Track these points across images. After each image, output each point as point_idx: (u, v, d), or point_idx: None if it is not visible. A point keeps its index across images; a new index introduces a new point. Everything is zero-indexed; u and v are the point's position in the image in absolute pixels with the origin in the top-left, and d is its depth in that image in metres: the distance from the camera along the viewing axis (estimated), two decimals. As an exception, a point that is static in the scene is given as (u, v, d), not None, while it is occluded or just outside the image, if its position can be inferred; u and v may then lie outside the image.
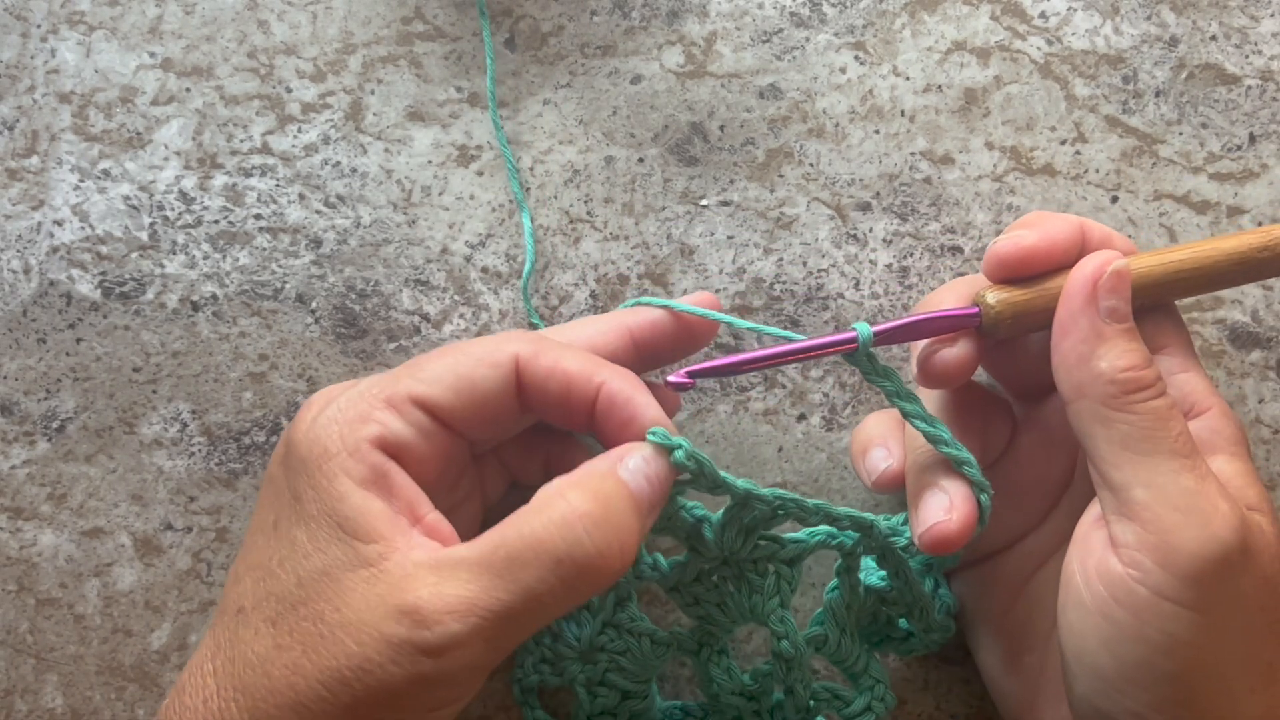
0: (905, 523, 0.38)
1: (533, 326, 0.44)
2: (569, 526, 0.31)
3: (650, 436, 0.33)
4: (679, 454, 0.33)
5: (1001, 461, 0.39)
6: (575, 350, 0.35)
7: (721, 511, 0.36)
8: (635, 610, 0.39)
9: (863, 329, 0.34)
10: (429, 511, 0.33)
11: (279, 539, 0.33)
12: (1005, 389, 0.41)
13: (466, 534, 0.33)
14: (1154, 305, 0.36)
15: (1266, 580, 0.32)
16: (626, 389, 0.34)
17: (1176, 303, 0.37)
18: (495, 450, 0.39)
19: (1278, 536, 0.33)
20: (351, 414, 0.33)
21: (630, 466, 0.33)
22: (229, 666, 0.32)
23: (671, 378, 0.35)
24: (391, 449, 0.33)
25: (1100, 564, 0.32)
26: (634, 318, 0.37)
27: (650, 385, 0.35)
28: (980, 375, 0.41)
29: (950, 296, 0.37)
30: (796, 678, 0.38)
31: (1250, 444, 0.43)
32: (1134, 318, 0.34)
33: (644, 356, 0.37)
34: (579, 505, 0.31)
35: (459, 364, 0.34)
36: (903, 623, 0.40)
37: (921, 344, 0.36)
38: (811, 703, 0.39)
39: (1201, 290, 0.36)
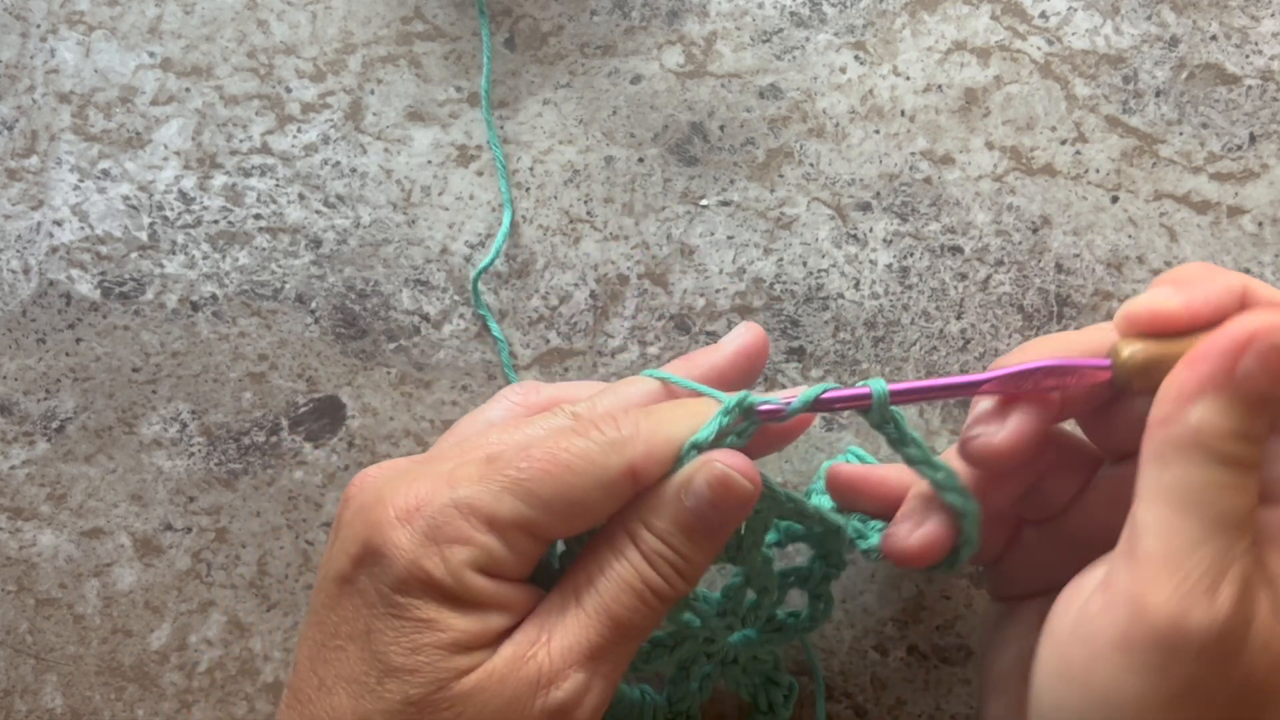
0: (880, 528, 0.37)
1: (478, 316, 0.44)
2: (643, 564, 0.32)
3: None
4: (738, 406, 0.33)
5: (1069, 513, 0.37)
6: (681, 425, 0.34)
7: None
8: None
9: (877, 386, 0.33)
10: (532, 598, 0.33)
11: (374, 655, 0.31)
12: (1093, 441, 0.38)
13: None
14: None
15: (1250, 689, 0.29)
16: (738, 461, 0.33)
17: None
18: None
19: None
20: (450, 532, 0.31)
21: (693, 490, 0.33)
22: None
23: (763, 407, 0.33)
24: (492, 571, 0.32)
25: (1086, 600, 0.31)
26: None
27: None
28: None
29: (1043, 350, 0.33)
30: (766, 577, 0.38)
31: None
32: None
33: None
34: (653, 546, 0.33)
35: (570, 488, 0.32)
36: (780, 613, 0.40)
37: (971, 417, 0.34)
38: (779, 593, 0.39)
39: None
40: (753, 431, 0.33)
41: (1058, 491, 0.36)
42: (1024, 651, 0.36)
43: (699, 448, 0.32)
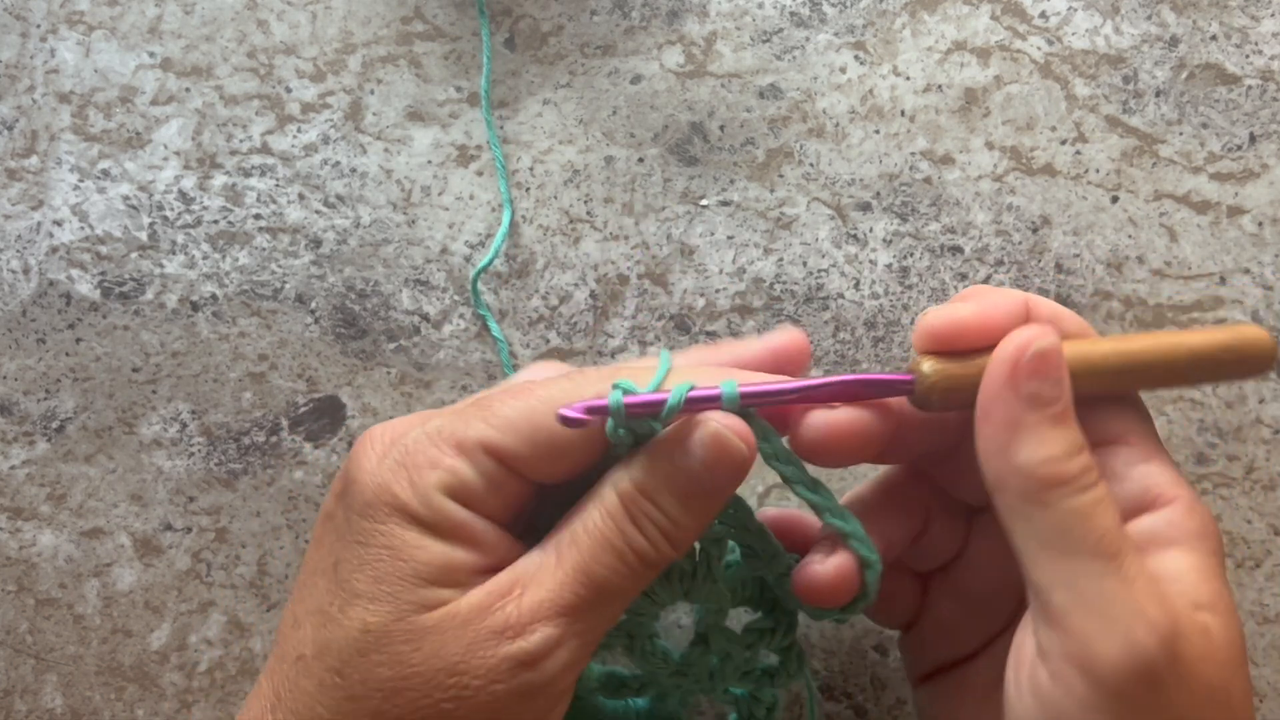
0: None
1: (478, 316, 0.44)
2: (629, 524, 0.31)
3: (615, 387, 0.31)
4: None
5: (956, 566, 0.37)
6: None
7: None
8: None
9: (728, 387, 0.31)
10: (510, 550, 0.32)
11: (339, 583, 0.31)
12: (951, 493, 0.38)
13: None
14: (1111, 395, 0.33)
15: (1210, 691, 0.29)
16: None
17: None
18: None
19: (1229, 640, 0.30)
20: (420, 458, 0.31)
21: (692, 448, 0.31)
22: None
23: (567, 412, 0.32)
24: (461, 496, 0.31)
25: (1031, 674, 0.30)
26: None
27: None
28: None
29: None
30: (726, 641, 0.37)
31: (1252, 442, 0.43)
32: (1090, 404, 0.31)
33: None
34: (638, 503, 0.31)
35: (535, 410, 0.31)
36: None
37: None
38: (748, 653, 0.37)
39: (1159, 385, 0.33)
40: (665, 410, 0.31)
41: (943, 539, 0.37)
42: (970, 714, 0.36)
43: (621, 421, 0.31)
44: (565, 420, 0.30)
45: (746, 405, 0.31)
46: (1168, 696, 0.29)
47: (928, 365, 0.32)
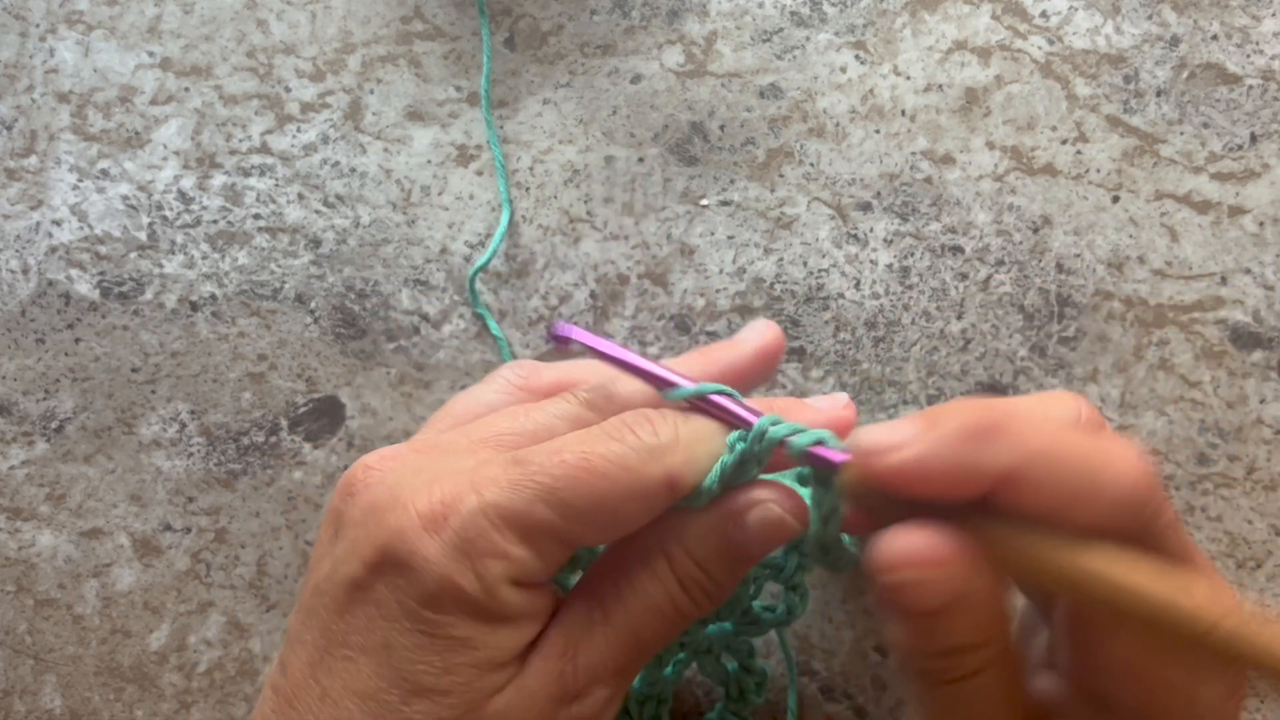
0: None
1: (477, 316, 0.44)
2: (677, 589, 0.32)
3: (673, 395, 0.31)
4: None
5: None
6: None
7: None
8: None
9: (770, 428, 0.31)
10: (551, 598, 0.32)
11: (397, 672, 0.29)
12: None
13: None
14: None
15: None
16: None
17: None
18: None
19: None
20: (482, 545, 0.29)
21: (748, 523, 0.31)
22: None
23: (558, 331, 0.32)
24: (524, 582, 0.30)
25: None
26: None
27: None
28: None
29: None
30: None
31: (1253, 442, 0.42)
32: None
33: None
34: (688, 569, 0.31)
35: (605, 496, 0.29)
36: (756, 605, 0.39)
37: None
38: (754, 585, 0.38)
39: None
40: (770, 456, 0.31)
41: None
42: None
43: (724, 477, 0.31)
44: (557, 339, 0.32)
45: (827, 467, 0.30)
46: None
47: (852, 471, 0.29)
